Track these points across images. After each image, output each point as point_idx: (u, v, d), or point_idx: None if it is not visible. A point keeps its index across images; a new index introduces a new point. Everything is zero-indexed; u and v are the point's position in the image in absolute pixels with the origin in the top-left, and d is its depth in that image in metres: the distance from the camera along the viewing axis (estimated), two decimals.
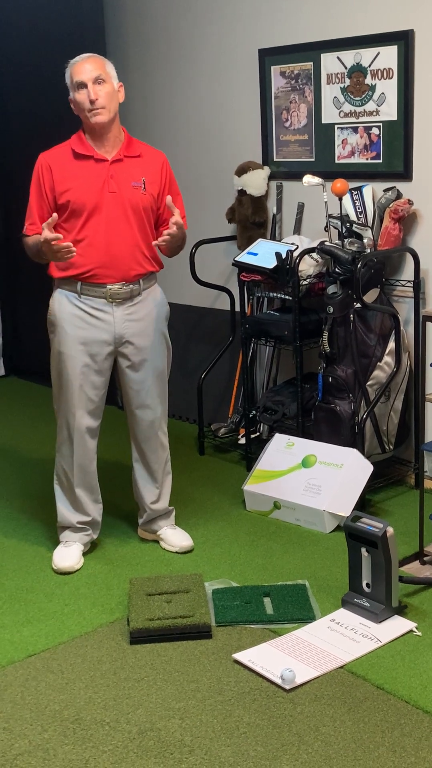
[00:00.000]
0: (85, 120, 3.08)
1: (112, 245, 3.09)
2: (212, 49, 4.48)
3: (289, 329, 3.83)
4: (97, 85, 3.02)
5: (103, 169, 3.08)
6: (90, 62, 3.04)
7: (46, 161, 3.10)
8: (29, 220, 3.15)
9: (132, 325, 3.17)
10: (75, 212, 3.07)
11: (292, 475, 3.66)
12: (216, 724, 2.38)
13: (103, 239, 3.08)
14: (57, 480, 3.32)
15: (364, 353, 3.69)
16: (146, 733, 2.35)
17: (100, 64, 3.05)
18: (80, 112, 3.07)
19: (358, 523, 2.85)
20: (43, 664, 2.68)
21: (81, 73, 3.02)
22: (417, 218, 3.74)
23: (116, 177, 3.09)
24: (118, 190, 3.08)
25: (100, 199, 3.06)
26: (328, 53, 3.90)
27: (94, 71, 3.02)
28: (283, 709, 2.42)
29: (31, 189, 3.13)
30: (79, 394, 3.16)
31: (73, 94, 3.07)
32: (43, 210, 3.09)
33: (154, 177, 3.17)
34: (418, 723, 2.35)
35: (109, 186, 3.07)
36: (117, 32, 4.99)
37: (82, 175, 3.07)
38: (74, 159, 3.09)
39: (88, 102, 3.02)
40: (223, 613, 2.90)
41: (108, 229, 3.08)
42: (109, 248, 3.09)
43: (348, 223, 3.71)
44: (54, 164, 3.08)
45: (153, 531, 3.44)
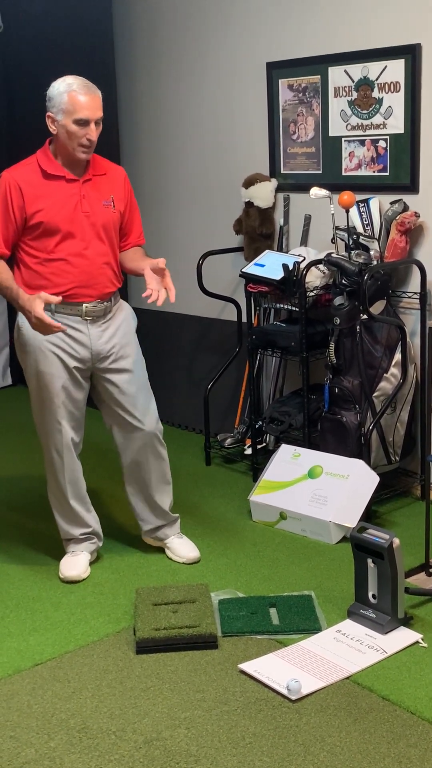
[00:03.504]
0: (66, 147, 3.01)
1: (89, 264, 3.09)
2: (220, 62, 4.51)
3: (296, 340, 3.84)
4: (95, 126, 2.99)
5: (75, 189, 3.06)
6: (96, 100, 2.98)
7: (14, 180, 3.02)
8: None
9: (110, 341, 3.17)
10: (48, 232, 3.03)
11: (298, 485, 3.66)
12: (222, 734, 2.38)
13: (80, 259, 3.07)
14: (51, 497, 3.31)
15: (371, 364, 3.71)
16: (152, 743, 2.35)
17: (100, 102, 3.01)
18: (67, 140, 2.99)
19: (364, 534, 2.86)
20: (49, 673, 2.69)
21: (86, 110, 2.96)
22: (423, 231, 3.75)
23: (88, 197, 3.08)
24: (91, 210, 3.08)
25: (74, 219, 3.05)
26: (336, 67, 3.93)
27: (98, 111, 2.98)
28: (289, 720, 2.43)
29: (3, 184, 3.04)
30: (63, 410, 3.16)
31: (66, 122, 2.96)
32: (9, 231, 3.03)
33: (120, 193, 3.19)
34: (424, 734, 2.35)
35: (82, 206, 3.06)
36: (126, 46, 5.03)
37: (54, 196, 3.03)
38: (44, 179, 3.04)
39: (85, 140, 2.98)
40: (229, 623, 2.90)
41: (84, 249, 3.08)
42: (86, 267, 3.09)
43: (355, 235, 3.73)
44: (23, 183, 3.01)
45: (159, 539, 3.44)
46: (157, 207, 5.10)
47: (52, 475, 3.27)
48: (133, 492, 3.36)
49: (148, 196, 5.14)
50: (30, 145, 5.49)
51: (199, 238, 4.76)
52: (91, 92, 2.97)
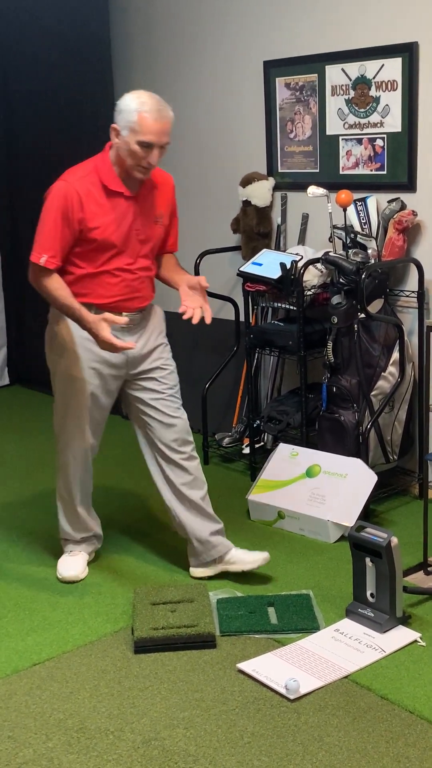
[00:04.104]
0: (125, 164, 2.90)
1: (134, 279, 3.04)
2: (217, 61, 4.51)
3: (294, 339, 3.84)
4: (159, 150, 2.88)
5: (131, 206, 2.98)
6: (165, 125, 2.86)
7: (76, 192, 2.89)
8: (50, 251, 2.91)
9: (145, 346, 3.11)
10: (100, 248, 2.95)
11: (296, 484, 3.66)
12: (220, 733, 2.38)
13: (125, 273, 3.01)
14: (59, 497, 3.29)
15: (369, 363, 3.70)
16: (150, 743, 2.35)
17: (170, 128, 2.89)
18: (127, 157, 2.88)
19: (362, 533, 2.86)
20: (47, 673, 2.69)
21: (153, 135, 2.83)
22: (421, 229, 3.75)
23: (141, 214, 3.01)
24: (142, 228, 3.01)
25: (128, 237, 2.98)
26: (333, 65, 3.93)
27: (165, 137, 2.86)
28: (287, 719, 2.43)
29: (53, 216, 2.90)
30: (89, 417, 3.10)
31: (130, 140, 2.84)
32: (67, 242, 2.92)
33: (167, 206, 3.13)
34: (423, 733, 2.35)
35: (135, 224, 2.99)
36: (123, 45, 5.02)
37: (112, 213, 2.94)
38: (104, 193, 2.93)
39: (145, 162, 2.87)
40: (228, 622, 2.90)
41: (131, 264, 3.01)
42: (130, 282, 3.03)
43: (352, 233, 3.72)
44: (85, 197, 2.89)
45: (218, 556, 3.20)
46: None
47: (63, 478, 3.23)
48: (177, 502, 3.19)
49: None
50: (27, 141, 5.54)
51: (196, 237, 4.75)
52: (162, 118, 2.84)
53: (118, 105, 2.90)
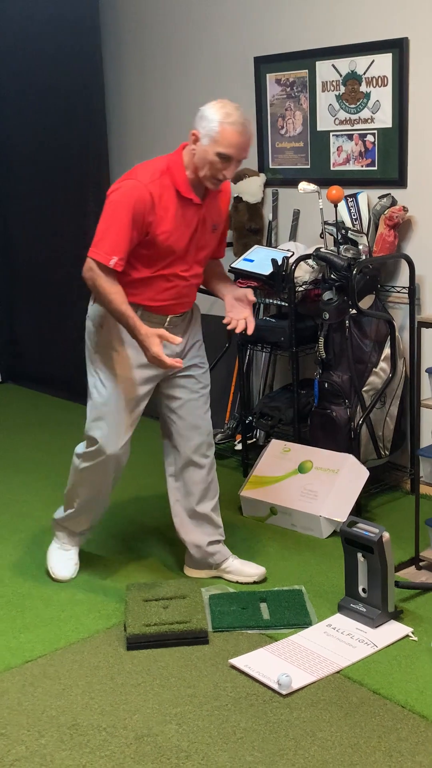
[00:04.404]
0: (198, 171, 2.81)
1: (186, 285, 2.98)
2: (208, 57, 4.50)
3: (285, 335, 3.84)
4: (237, 165, 2.81)
5: (196, 215, 2.89)
6: (247, 141, 2.79)
7: (149, 194, 2.77)
8: (117, 253, 2.77)
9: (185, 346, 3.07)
10: (161, 254, 2.86)
11: (288, 480, 3.67)
12: (213, 729, 2.38)
13: (178, 280, 2.94)
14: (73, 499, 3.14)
15: (360, 359, 3.71)
16: (143, 739, 2.35)
17: (249, 144, 2.82)
18: (202, 165, 2.79)
19: (354, 528, 2.86)
20: (40, 670, 2.69)
21: (234, 149, 2.75)
22: (412, 225, 3.76)
23: (204, 222, 2.93)
24: (202, 236, 2.94)
25: (189, 244, 2.91)
26: (323, 61, 3.93)
27: (244, 152, 2.80)
28: (280, 714, 2.43)
29: (123, 215, 2.76)
30: (129, 420, 2.99)
31: (209, 149, 2.75)
32: (132, 245, 2.79)
33: (224, 215, 3.06)
34: (415, 728, 2.36)
35: (198, 232, 2.92)
36: (113, 40, 5.01)
37: (180, 220, 2.84)
38: (176, 198, 2.83)
39: (220, 174, 2.79)
40: (220, 618, 2.90)
41: (185, 271, 2.95)
42: (182, 288, 2.97)
43: (343, 229, 3.73)
44: (157, 200, 2.78)
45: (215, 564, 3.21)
46: None
47: (81, 481, 3.09)
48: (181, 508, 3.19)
49: None
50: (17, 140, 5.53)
51: None
52: (246, 132, 2.78)
53: (202, 111, 2.80)
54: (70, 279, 5.32)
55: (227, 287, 3.10)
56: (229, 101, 2.80)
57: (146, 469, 4.02)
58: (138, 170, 2.85)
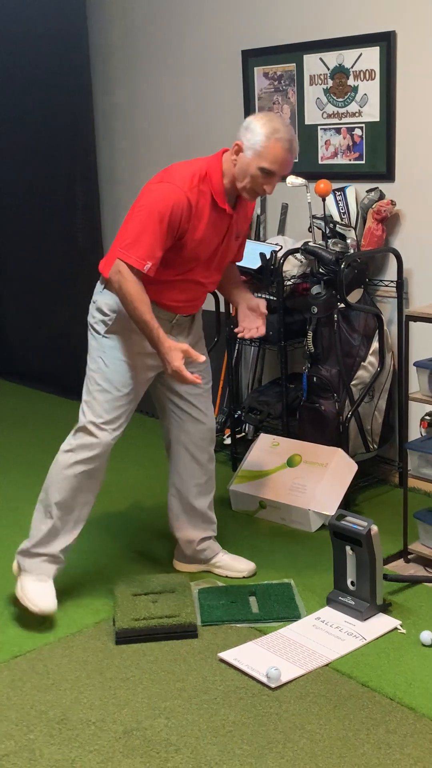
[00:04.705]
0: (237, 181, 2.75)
1: (203, 291, 2.96)
2: (195, 51, 4.49)
3: (274, 330, 3.84)
4: (278, 180, 2.77)
5: (226, 224, 2.85)
6: (292, 159, 2.75)
7: (187, 201, 2.69)
8: (151, 259, 2.69)
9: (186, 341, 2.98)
10: (187, 260, 2.81)
11: (277, 474, 3.67)
12: (202, 722, 2.38)
13: (197, 285, 2.91)
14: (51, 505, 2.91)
15: (348, 353, 3.71)
16: (132, 733, 2.35)
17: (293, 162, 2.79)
18: (242, 177, 2.73)
19: (342, 521, 2.87)
20: (28, 665, 2.68)
21: (279, 165, 2.71)
22: (400, 219, 3.76)
23: (231, 231, 2.89)
24: (227, 246, 2.91)
25: (215, 253, 2.87)
26: (311, 54, 3.92)
27: (288, 169, 2.76)
28: (269, 708, 2.43)
29: (158, 220, 2.67)
30: (128, 409, 2.92)
31: (253, 162, 2.70)
32: (165, 250, 2.73)
33: (248, 223, 3.04)
34: (403, 720, 2.37)
35: (225, 241, 2.88)
36: (100, 33, 5.00)
37: (211, 228, 2.79)
38: (211, 207, 2.76)
39: (261, 189, 2.75)
40: (209, 612, 2.91)
41: (206, 278, 2.92)
42: (198, 293, 2.94)
43: (331, 223, 3.73)
44: (194, 207, 2.72)
45: (205, 559, 3.21)
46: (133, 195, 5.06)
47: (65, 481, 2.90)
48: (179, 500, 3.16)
49: (123, 184, 5.12)
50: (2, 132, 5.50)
51: None
52: (293, 150, 2.73)
53: (249, 123, 2.72)
54: (59, 273, 5.31)
55: (241, 294, 3.07)
56: (276, 115, 2.73)
57: (135, 462, 4.02)
58: (176, 172, 2.76)
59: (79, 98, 5.03)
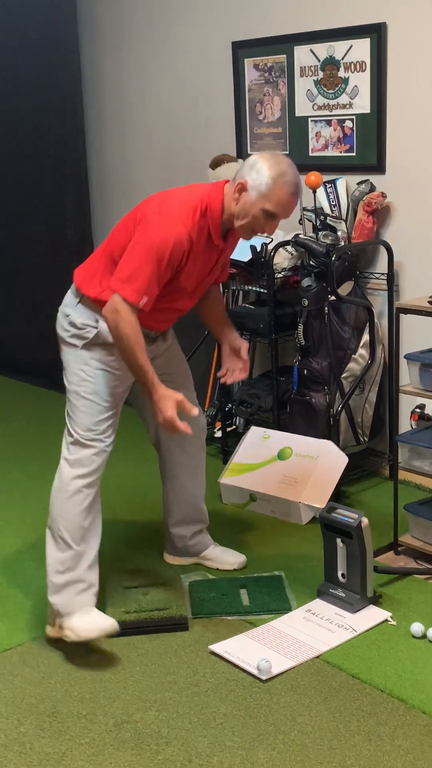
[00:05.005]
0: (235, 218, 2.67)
1: (178, 316, 2.91)
2: (186, 42, 4.47)
3: (265, 322, 3.83)
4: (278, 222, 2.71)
5: (215, 256, 2.79)
6: (297, 201, 2.68)
7: (189, 240, 2.61)
8: (147, 292, 2.59)
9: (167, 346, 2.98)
10: (173, 291, 2.73)
11: (267, 467, 3.67)
12: (192, 715, 2.39)
13: (179, 313, 2.89)
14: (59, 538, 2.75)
15: (339, 346, 3.71)
16: (123, 726, 2.35)
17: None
18: (242, 216, 2.65)
19: (333, 514, 2.87)
20: (19, 658, 2.68)
21: (283, 209, 2.64)
22: (390, 211, 3.76)
23: (218, 262, 2.84)
24: (210, 275, 2.85)
25: (200, 284, 2.82)
26: (302, 46, 3.91)
27: (290, 212, 2.70)
28: (260, 700, 2.44)
29: (160, 258, 2.57)
30: (116, 416, 2.81)
31: (256, 203, 2.61)
32: (161, 287, 2.65)
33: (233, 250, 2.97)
34: (394, 711, 2.37)
35: (211, 272, 2.84)
36: (90, 25, 4.97)
37: (202, 262, 2.74)
38: (206, 242, 2.70)
39: (261, 229, 2.69)
40: (200, 605, 2.90)
41: (185, 306, 2.87)
42: (173, 317, 2.89)
43: (322, 215, 3.72)
44: (195, 245, 2.65)
45: (196, 553, 3.21)
46: (123, 188, 5.06)
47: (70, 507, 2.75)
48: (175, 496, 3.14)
49: (113, 177, 5.10)
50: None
51: None
52: (298, 194, 2.66)
53: (255, 163, 2.62)
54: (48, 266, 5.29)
55: (225, 333, 3.01)
56: (282, 156, 2.67)
57: (126, 455, 4.01)
58: (177, 204, 2.64)
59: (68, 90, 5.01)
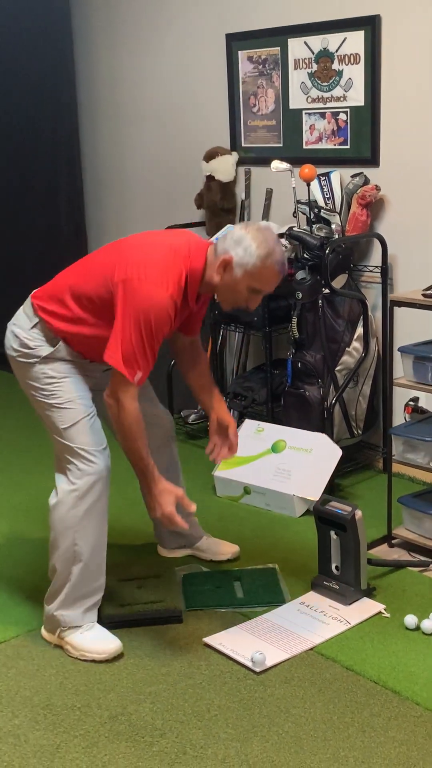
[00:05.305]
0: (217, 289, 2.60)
1: None
2: (180, 35, 4.46)
3: (259, 315, 3.83)
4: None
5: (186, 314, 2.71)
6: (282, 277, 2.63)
7: (174, 307, 2.53)
8: (144, 369, 2.53)
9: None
10: None
11: (261, 460, 3.67)
12: (187, 707, 2.39)
13: None
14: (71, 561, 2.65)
15: (333, 339, 3.71)
16: (117, 718, 2.35)
17: None
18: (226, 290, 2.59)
19: (327, 506, 2.87)
20: (13, 651, 2.68)
21: (269, 287, 2.59)
22: (384, 204, 3.76)
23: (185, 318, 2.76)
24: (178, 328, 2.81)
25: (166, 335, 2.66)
26: (296, 38, 3.90)
27: (274, 288, 2.63)
28: (254, 692, 2.44)
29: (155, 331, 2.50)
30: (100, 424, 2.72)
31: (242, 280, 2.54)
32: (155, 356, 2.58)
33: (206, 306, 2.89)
34: (387, 703, 2.38)
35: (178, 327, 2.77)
36: (83, 18, 4.95)
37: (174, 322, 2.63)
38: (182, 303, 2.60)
39: (243, 304, 2.62)
40: (194, 597, 2.91)
41: None
42: None
43: (316, 208, 3.72)
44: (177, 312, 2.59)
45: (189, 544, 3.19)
46: (117, 181, 5.05)
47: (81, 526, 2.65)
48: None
49: (107, 170, 5.09)
50: None
51: (159, 212, 4.72)
52: (284, 270, 2.60)
53: (241, 239, 2.52)
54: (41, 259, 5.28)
55: (214, 406, 2.93)
56: (267, 229, 2.57)
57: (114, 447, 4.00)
58: (161, 273, 2.51)
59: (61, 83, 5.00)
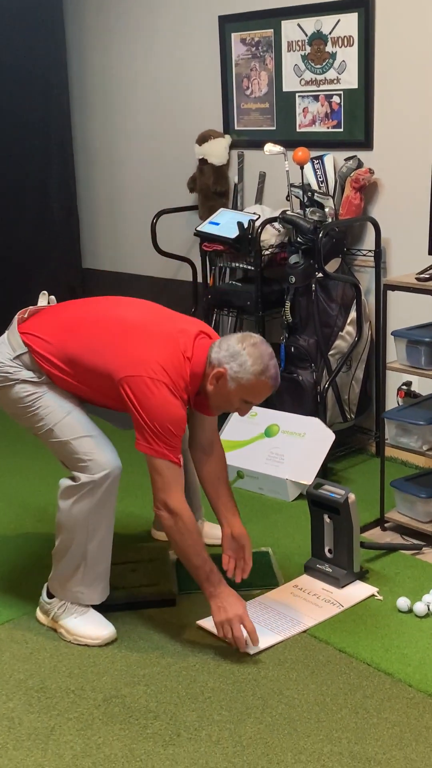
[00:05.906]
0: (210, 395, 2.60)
1: None
2: (172, 16, 4.42)
3: (252, 299, 3.83)
4: None
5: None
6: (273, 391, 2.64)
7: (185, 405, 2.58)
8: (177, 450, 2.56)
9: None
10: None
11: (255, 444, 3.67)
12: (181, 689, 2.40)
13: None
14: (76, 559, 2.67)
15: (326, 323, 3.71)
16: (111, 700, 2.36)
17: None
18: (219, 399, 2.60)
19: (320, 490, 2.88)
20: (7, 635, 2.68)
21: (262, 398, 2.61)
22: (378, 187, 3.74)
23: None
24: None
25: None
26: (289, 20, 3.87)
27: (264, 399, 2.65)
28: (247, 674, 2.45)
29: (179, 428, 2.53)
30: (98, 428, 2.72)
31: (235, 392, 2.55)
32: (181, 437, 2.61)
33: None
34: (380, 685, 2.39)
35: None
36: (75, 1, 4.91)
37: None
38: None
39: (234, 410, 2.66)
40: (188, 581, 2.90)
41: None
42: None
43: (309, 192, 3.71)
44: None
45: None
46: (109, 165, 5.02)
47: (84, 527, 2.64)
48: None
49: (100, 154, 5.06)
50: None
51: (152, 196, 4.70)
52: (276, 384, 2.60)
53: (237, 353, 2.52)
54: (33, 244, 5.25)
55: (230, 520, 2.86)
56: (261, 341, 2.57)
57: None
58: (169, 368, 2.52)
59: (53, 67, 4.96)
